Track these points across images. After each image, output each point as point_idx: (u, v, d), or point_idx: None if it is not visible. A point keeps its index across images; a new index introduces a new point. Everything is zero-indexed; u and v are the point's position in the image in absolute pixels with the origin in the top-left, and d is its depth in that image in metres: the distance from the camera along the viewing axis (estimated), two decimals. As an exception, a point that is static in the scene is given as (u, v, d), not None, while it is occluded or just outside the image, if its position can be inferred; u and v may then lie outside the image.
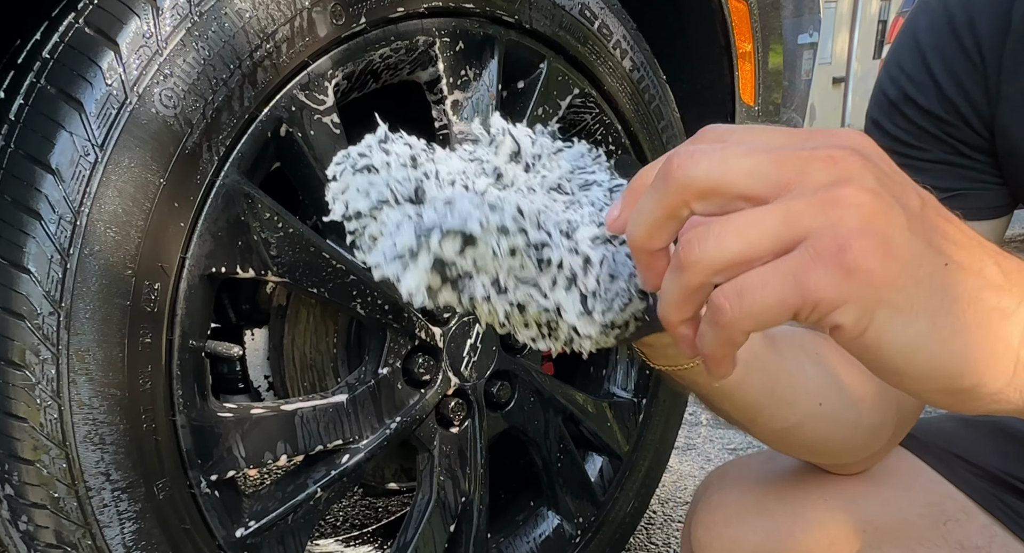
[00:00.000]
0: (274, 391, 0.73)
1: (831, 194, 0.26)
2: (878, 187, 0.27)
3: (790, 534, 0.56)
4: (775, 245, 0.26)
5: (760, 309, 0.27)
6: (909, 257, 0.27)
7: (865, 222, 0.26)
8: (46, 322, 0.50)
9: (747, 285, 0.27)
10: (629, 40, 0.82)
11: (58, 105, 0.49)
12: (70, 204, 0.49)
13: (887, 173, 0.28)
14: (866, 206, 0.26)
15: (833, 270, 0.26)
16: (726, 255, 0.27)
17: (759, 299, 0.27)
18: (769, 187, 0.27)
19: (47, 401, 0.51)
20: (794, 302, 0.26)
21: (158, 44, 0.51)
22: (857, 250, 0.26)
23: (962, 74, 0.53)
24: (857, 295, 0.26)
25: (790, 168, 0.27)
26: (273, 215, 0.60)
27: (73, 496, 0.53)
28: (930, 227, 0.28)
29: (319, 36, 0.59)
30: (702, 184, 0.27)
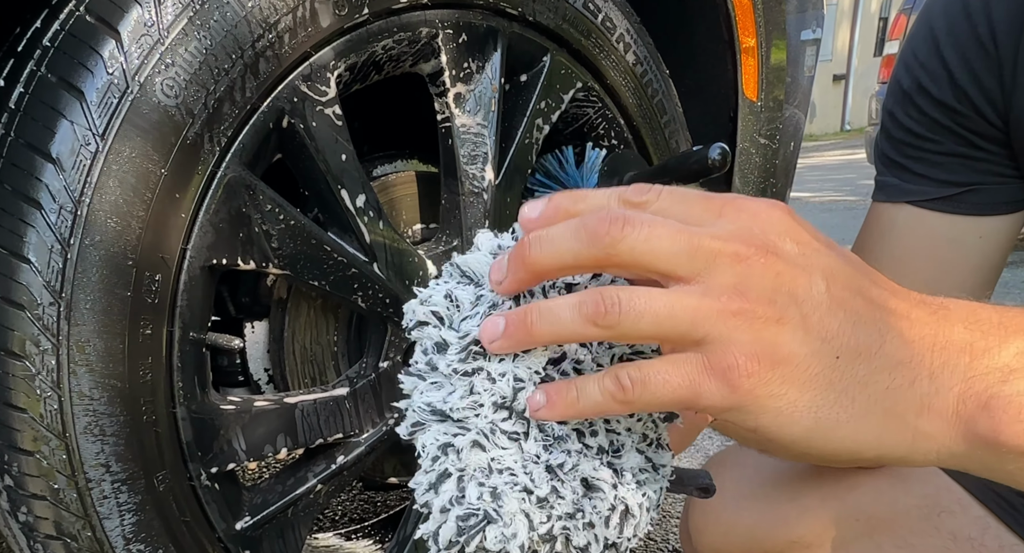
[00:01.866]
0: (274, 384, 0.73)
1: (732, 304, 0.29)
2: (773, 292, 0.29)
3: (784, 520, 0.57)
4: (680, 339, 0.30)
5: (654, 399, 0.30)
6: (796, 362, 0.29)
7: (755, 337, 0.29)
8: (46, 312, 0.50)
9: (650, 377, 0.30)
10: (632, 34, 0.81)
11: (59, 94, 0.49)
12: (71, 193, 0.49)
13: (789, 262, 0.30)
14: (759, 318, 0.29)
15: (721, 383, 0.29)
16: (637, 332, 0.30)
17: (657, 392, 0.30)
18: (682, 273, 0.30)
19: (47, 392, 0.51)
20: (686, 402, 0.30)
21: (160, 33, 0.51)
22: (743, 368, 0.29)
23: (975, 62, 0.53)
24: (740, 405, 0.30)
25: (701, 261, 0.30)
26: (274, 207, 0.60)
27: (73, 487, 0.53)
28: (828, 311, 0.30)
29: (321, 26, 0.59)
30: (624, 258, 0.30)
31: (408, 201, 0.79)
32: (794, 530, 0.57)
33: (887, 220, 0.58)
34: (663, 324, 0.29)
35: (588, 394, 0.31)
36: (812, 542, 0.57)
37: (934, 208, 0.55)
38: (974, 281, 0.56)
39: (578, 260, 0.30)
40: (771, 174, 1.04)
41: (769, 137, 1.00)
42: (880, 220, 0.59)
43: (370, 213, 0.65)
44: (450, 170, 0.71)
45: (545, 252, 0.30)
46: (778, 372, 0.29)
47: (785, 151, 1.05)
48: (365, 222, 0.65)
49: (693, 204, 0.32)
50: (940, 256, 0.56)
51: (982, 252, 0.56)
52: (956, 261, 0.56)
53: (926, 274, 0.56)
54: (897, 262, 0.57)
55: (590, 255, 0.30)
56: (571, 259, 0.30)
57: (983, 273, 0.57)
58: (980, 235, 0.55)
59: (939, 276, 0.56)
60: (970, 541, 0.54)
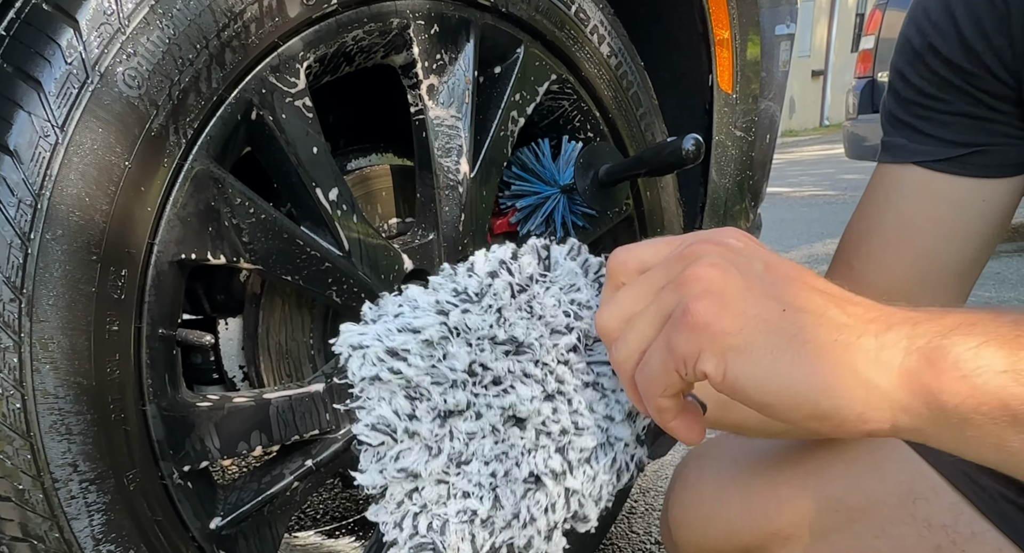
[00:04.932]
0: (249, 381, 0.72)
1: (682, 276, 0.35)
2: (720, 260, 0.35)
3: (763, 512, 0.57)
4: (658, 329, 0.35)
5: (655, 375, 0.35)
6: (743, 308, 0.33)
7: (703, 289, 0.34)
8: (7, 309, 0.49)
9: (644, 362, 0.36)
10: (606, 25, 0.81)
11: (15, 84, 0.48)
12: (30, 187, 0.48)
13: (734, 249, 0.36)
14: (705, 276, 0.34)
15: (683, 330, 0.34)
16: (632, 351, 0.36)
17: (651, 368, 0.35)
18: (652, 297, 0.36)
19: (9, 390, 0.49)
20: (671, 363, 0.34)
21: (120, 22, 0.49)
22: (695, 310, 0.34)
23: (986, 21, 0.52)
24: (706, 345, 0.33)
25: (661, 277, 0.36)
26: (244, 200, 0.59)
27: (39, 488, 0.52)
28: (771, 283, 0.34)
29: (289, 16, 0.58)
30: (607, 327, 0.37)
31: (383, 195, 0.79)
32: (773, 523, 0.57)
33: (891, 182, 0.57)
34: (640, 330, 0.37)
35: None
36: (792, 534, 0.57)
37: (940, 169, 0.54)
38: (972, 249, 0.56)
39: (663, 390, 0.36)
40: (747, 167, 1.04)
41: (745, 130, 1.00)
42: (884, 182, 0.58)
43: (344, 207, 0.65)
44: (425, 163, 0.71)
45: None
46: (727, 315, 0.33)
47: (761, 144, 1.06)
48: (339, 216, 0.65)
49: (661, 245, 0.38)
50: (942, 219, 0.56)
51: (984, 217, 0.55)
52: (958, 226, 0.56)
53: (926, 239, 0.56)
54: (898, 226, 0.57)
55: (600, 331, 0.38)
56: None
57: (981, 240, 0.56)
58: (984, 198, 0.54)
59: (938, 242, 0.56)
60: (944, 528, 0.54)
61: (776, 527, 0.57)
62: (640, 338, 0.36)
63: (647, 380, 0.36)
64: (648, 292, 0.36)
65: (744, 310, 0.33)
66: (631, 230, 0.88)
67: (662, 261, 0.37)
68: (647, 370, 0.36)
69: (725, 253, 0.35)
